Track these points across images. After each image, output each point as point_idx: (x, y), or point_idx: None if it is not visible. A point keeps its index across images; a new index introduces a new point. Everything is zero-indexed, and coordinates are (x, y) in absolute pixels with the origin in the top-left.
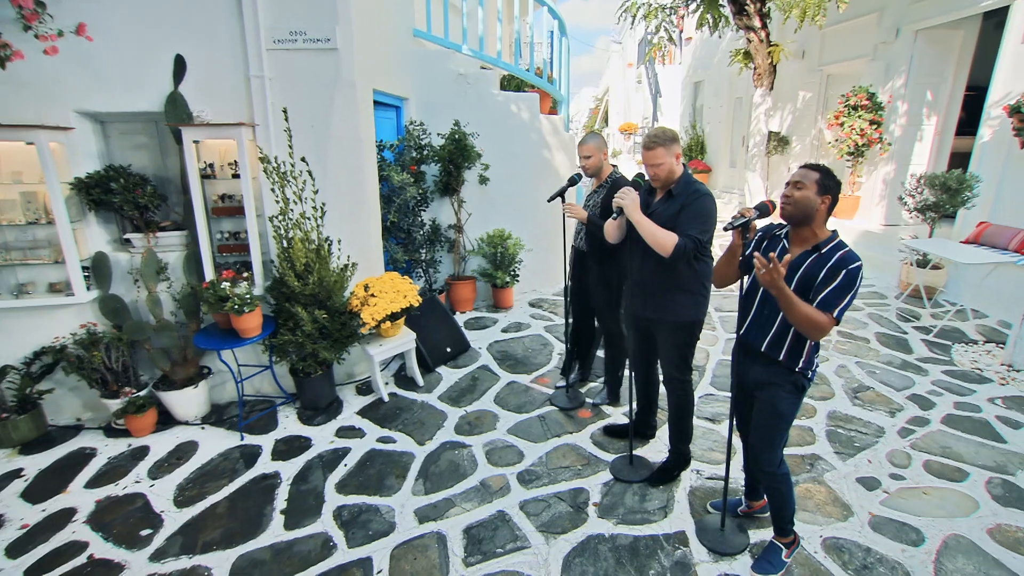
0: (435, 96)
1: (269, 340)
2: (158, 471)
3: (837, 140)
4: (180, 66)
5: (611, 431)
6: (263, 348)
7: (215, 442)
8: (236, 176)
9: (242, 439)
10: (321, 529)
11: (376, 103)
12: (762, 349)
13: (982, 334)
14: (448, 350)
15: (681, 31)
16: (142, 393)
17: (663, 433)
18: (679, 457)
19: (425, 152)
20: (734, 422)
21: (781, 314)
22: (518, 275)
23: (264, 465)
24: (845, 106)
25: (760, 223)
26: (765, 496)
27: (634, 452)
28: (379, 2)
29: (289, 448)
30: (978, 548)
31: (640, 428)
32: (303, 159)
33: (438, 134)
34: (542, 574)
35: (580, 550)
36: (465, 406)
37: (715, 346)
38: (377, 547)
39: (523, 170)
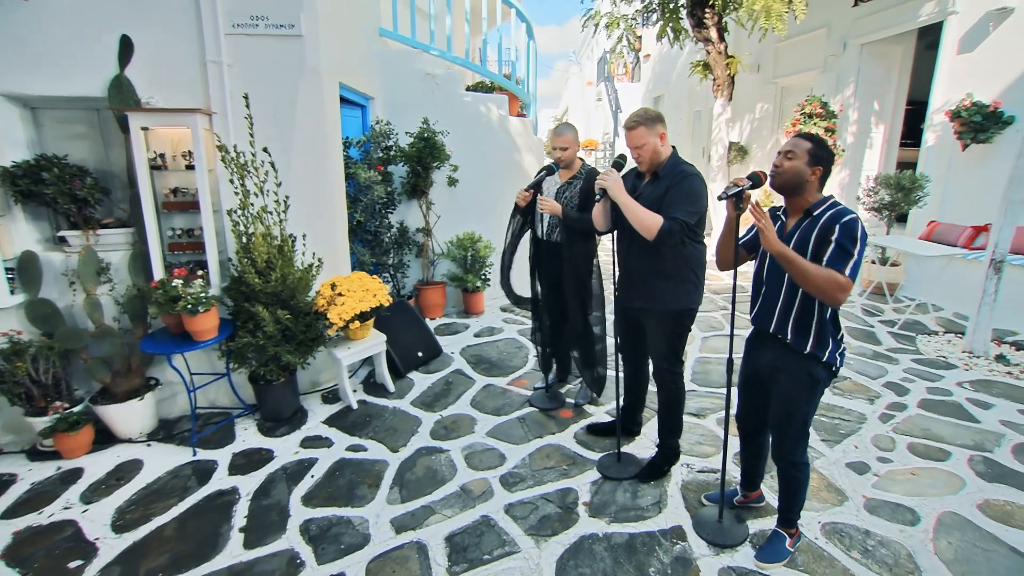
0: (402, 96)
1: (226, 344)
2: (93, 494)
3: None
4: (126, 47)
5: (595, 429)
6: (219, 354)
7: (163, 459)
8: (190, 168)
9: (194, 454)
10: (287, 546)
11: (342, 99)
12: (771, 330)
13: (941, 325)
14: (420, 355)
15: (639, 50)
16: (76, 409)
17: (648, 429)
18: (668, 451)
19: (392, 152)
20: (731, 412)
21: (783, 290)
22: (489, 279)
23: (220, 481)
24: (801, 114)
25: (764, 207)
26: (778, 483)
27: (621, 449)
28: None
29: (248, 462)
30: (971, 524)
31: (626, 425)
32: (265, 150)
33: (406, 133)
34: None
35: (574, 551)
36: (440, 411)
37: (692, 344)
38: (351, 562)
39: (493, 171)
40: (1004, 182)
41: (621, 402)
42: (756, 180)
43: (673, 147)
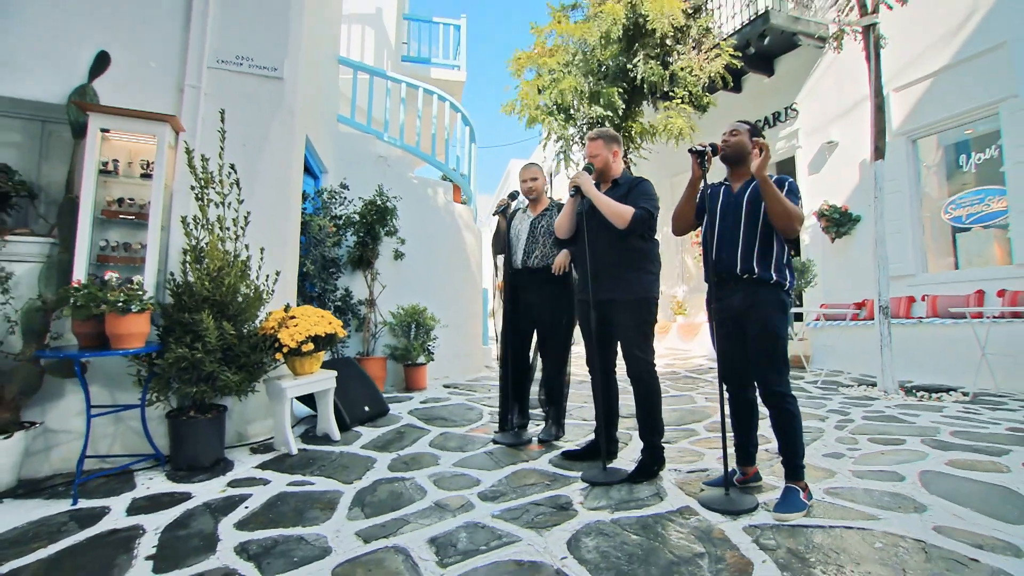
0: (355, 173)
1: (152, 359)
2: None
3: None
4: (101, 61)
5: (571, 455)
6: (135, 380)
7: (22, 513)
8: (146, 176)
9: (74, 503)
10: (218, 564)
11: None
12: (737, 270)
13: (854, 380)
14: (367, 409)
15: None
16: None
17: (626, 453)
18: (654, 451)
19: (341, 221)
20: (724, 397)
21: (743, 231)
22: (433, 353)
23: (114, 521)
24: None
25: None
26: (774, 427)
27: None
28: (312, 77)
29: (154, 504)
30: (948, 475)
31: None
32: (232, 166)
33: (360, 198)
34: (546, 558)
35: (584, 532)
36: (396, 451)
37: None
38: (309, 571)
39: (439, 248)
40: (870, 259)
41: (598, 409)
42: (714, 147)
43: (625, 165)
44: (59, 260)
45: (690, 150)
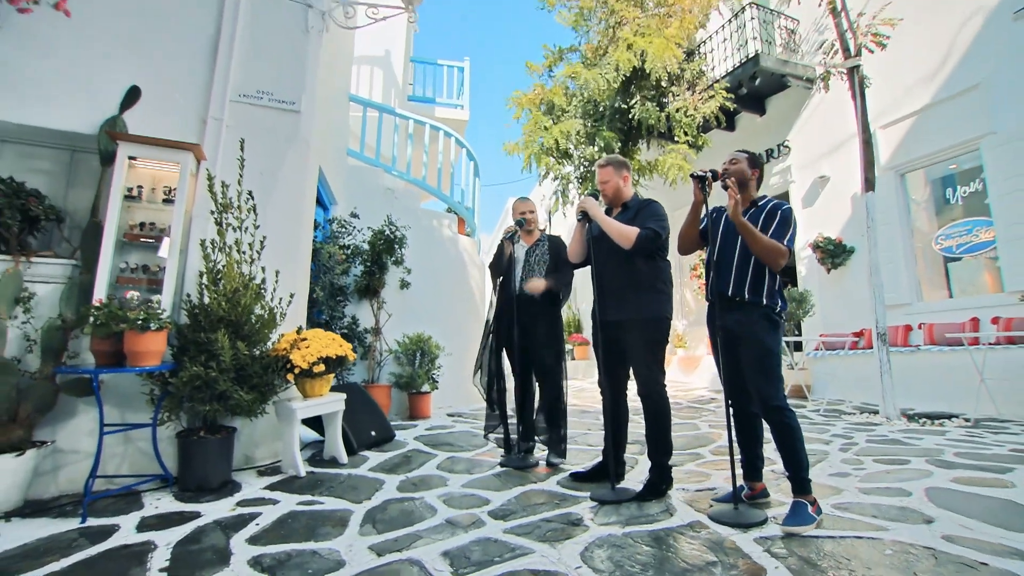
0: (364, 204)
1: (166, 377)
2: None
3: (701, 288)
4: (132, 95)
5: (579, 477)
6: (148, 398)
7: (31, 531)
8: (167, 201)
9: (83, 521)
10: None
11: None
12: (729, 293)
13: (856, 409)
14: (373, 434)
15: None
16: None
17: (633, 475)
18: (663, 471)
19: (350, 251)
20: (731, 410)
21: (736, 259)
22: (437, 382)
23: (125, 537)
24: (700, 259)
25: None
26: (775, 442)
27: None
28: (325, 112)
29: (164, 522)
30: (954, 491)
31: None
32: (250, 193)
33: (368, 227)
34: (560, 568)
35: (598, 544)
36: (405, 473)
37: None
38: None
39: (443, 278)
40: (866, 289)
41: (607, 431)
42: (715, 174)
43: (636, 190)
44: (80, 281)
45: (692, 175)
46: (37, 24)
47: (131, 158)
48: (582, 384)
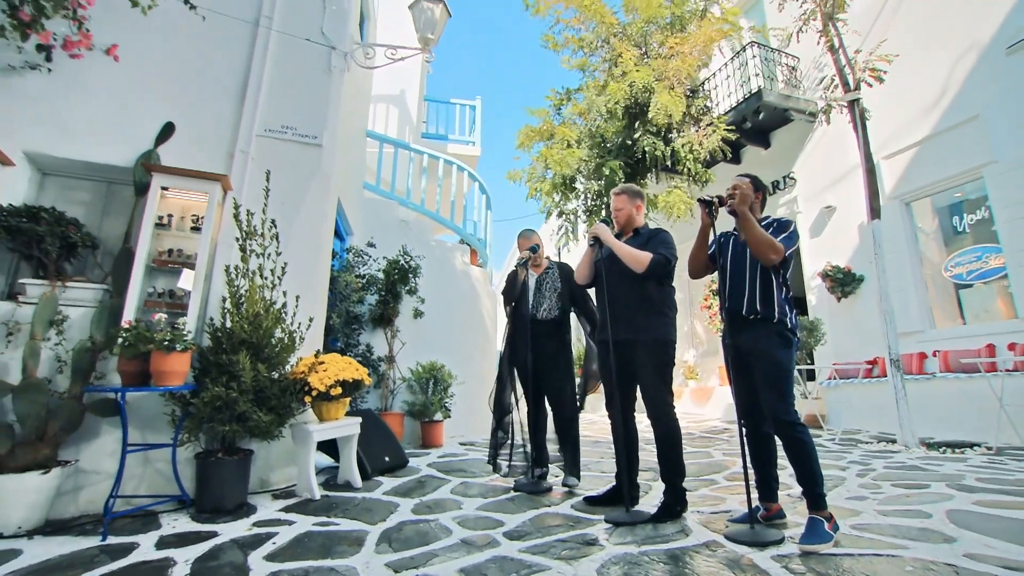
0: (379, 235)
1: (189, 397)
2: None
3: (712, 318)
4: (167, 130)
5: (593, 501)
6: (169, 419)
7: (53, 548)
8: (195, 229)
9: (104, 539)
10: None
11: None
12: (743, 312)
13: (873, 438)
14: (387, 459)
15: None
16: None
17: (647, 500)
18: (677, 492)
19: (365, 280)
20: (743, 430)
21: (747, 278)
22: (450, 410)
23: (145, 554)
24: (709, 291)
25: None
26: (788, 458)
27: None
28: (344, 147)
29: (182, 540)
30: (975, 513)
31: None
32: (273, 221)
33: (384, 257)
34: None
35: (613, 561)
36: (419, 497)
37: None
38: None
39: (456, 308)
40: (877, 317)
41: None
42: (721, 199)
43: (648, 219)
44: (111, 305)
45: (699, 199)
46: (83, 67)
47: (163, 188)
48: (592, 417)
